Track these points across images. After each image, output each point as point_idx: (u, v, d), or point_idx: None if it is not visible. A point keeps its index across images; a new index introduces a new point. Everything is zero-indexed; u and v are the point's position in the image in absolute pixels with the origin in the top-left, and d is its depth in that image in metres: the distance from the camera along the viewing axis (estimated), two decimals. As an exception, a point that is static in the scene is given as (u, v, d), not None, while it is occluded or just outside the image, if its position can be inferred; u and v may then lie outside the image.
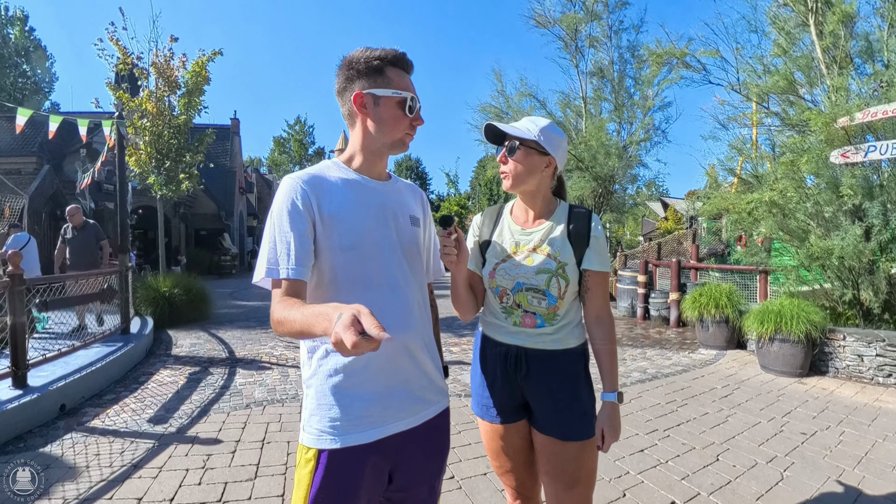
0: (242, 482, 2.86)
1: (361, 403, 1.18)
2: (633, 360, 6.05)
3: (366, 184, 1.28)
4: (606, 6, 14.68)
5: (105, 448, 3.33)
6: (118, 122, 7.39)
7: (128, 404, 4.25)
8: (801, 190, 5.89)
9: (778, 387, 4.84)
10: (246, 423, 3.82)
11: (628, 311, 9.76)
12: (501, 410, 1.57)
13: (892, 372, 4.82)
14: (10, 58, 29.14)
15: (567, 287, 1.49)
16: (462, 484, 2.85)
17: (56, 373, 4.31)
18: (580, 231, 1.51)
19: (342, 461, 1.15)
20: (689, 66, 10.47)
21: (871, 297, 5.37)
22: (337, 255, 1.19)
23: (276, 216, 1.16)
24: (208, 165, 13.51)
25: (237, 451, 3.29)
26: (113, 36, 9.32)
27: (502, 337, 1.56)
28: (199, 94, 9.99)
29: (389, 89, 1.22)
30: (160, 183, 9.72)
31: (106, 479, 2.87)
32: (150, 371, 5.35)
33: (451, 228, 1.33)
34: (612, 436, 1.49)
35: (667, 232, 23.53)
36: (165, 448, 3.32)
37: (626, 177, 14.81)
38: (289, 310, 1.02)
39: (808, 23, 6.72)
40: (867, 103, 5.18)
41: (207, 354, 6.17)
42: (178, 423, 3.81)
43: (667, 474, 3.00)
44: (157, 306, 8.05)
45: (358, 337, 0.73)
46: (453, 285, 1.51)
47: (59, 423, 3.78)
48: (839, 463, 3.15)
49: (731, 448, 3.39)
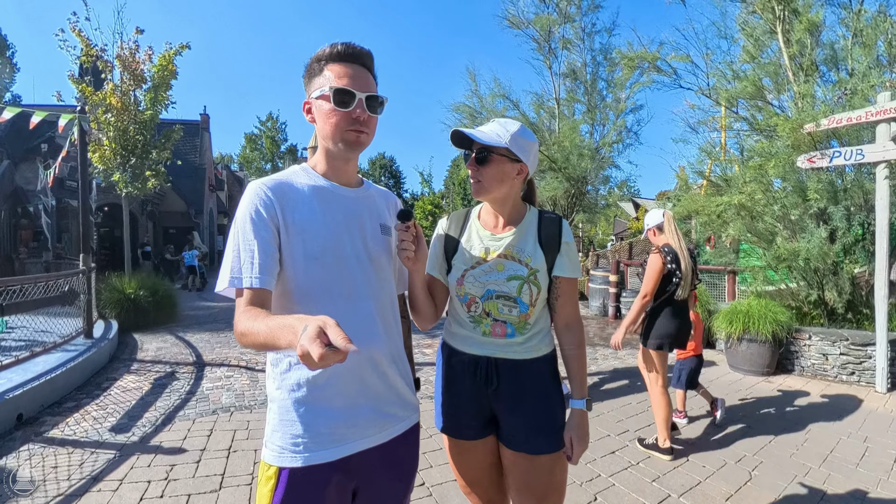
0: (207, 493, 2.78)
1: (325, 420, 1.15)
2: (605, 359, 6.11)
3: (334, 190, 1.25)
4: (579, 8, 14.82)
5: (63, 460, 3.20)
6: (80, 117, 7.11)
7: (89, 412, 4.10)
8: (769, 193, 6.04)
9: (746, 385, 4.95)
10: (212, 430, 3.72)
11: (600, 310, 9.89)
12: (469, 426, 1.53)
13: (856, 370, 4.99)
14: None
15: (538, 294, 1.46)
16: (432, 490, 2.82)
17: (13, 380, 4.13)
18: (551, 237, 1.49)
19: (303, 480, 1.12)
20: (660, 70, 10.62)
21: (836, 298, 5.54)
22: (300, 265, 1.16)
23: (240, 224, 1.13)
24: (176, 162, 13.12)
25: (202, 461, 3.19)
26: (75, 26, 9.02)
27: (470, 348, 1.51)
28: (166, 88, 9.72)
29: (320, 89, 1.17)
30: (125, 180, 9.43)
31: (63, 494, 2.75)
32: (114, 377, 5.18)
33: (409, 223, 1.29)
34: (581, 445, 1.46)
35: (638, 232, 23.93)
36: (127, 458, 3.21)
37: (599, 178, 15.00)
38: (253, 321, 1.00)
39: (775, 30, 6.88)
40: (832, 110, 5.33)
41: (174, 359, 6.00)
42: (141, 431, 3.69)
43: (638, 476, 3.03)
44: (121, 308, 7.79)
45: (325, 349, 0.71)
46: (410, 287, 1.44)
47: (16, 434, 3.62)
48: (805, 461, 3.22)
49: (701, 448, 3.44)
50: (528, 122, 14.63)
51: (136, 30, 9.53)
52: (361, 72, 1.20)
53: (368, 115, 1.19)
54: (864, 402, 4.44)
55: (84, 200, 7.00)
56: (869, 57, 5.60)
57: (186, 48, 9.75)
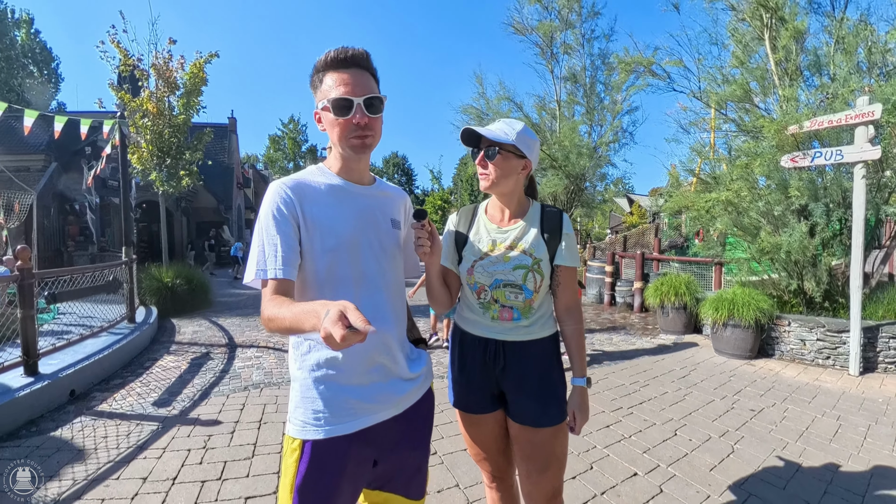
0: (241, 461, 2.86)
1: (342, 396, 1.17)
2: (601, 343, 6.14)
3: (348, 188, 1.25)
4: (580, 15, 14.68)
5: (112, 431, 3.30)
6: (120, 122, 7.22)
7: (134, 389, 4.20)
8: (754, 190, 6.00)
9: (730, 368, 4.96)
10: (244, 404, 3.80)
11: (596, 297, 9.89)
12: (479, 402, 1.56)
13: (831, 355, 4.97)
14: (17, 59, 28.07)
15: (542, 281, 1.49)
16: (444, 459, 2.89)
17: (66, 360, 4.24)
18: (553, 229, 1.51)
19: (325, 451, 1.14)
20: (654, 73, 10.49)
21: (814, 287, 5.52)
22: (319, 257, 1.17)
23: (264, 221, 1.14)
24: (207, 162, 13.18)
25: (236, 432, 3.28)
26: (114, 38, 9.05)
27: (480, 331, 1.54)
28: (197, 94, 9.75)
29: (322, 101, 1.17)
30: (161, 179, 9.51)
31: (113, 461, 2.85)
32: (155, 357, 5.29)
33: (425, 222, 1.30)
34: (583, 418, 1.50)
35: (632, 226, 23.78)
36: (169, 430, 3.30)
37: (596, 175, 14.93)
38: (278, 308, 1.01)
39: (763, 37, 6.78)
40: (814, 113, 5.26)
41: (208, 341, 6.11)
42: (180, 405, 3.78)
43: (630, 448, 3.07)
44: (160, 296, 7.94)
45: (346, 330, 0.73)
46: (427, 278, 1.46)
47: (69, 408, 3.73)
48: (783, 436, 3.25)
49: (688, 424, 3.47)
50: (530, 122, 14.53)
51: (170, 40, 9.56)
52: (357, 75, 1.16)
53: (369, 119, 1.16)
54: (838, 384, 4.44)
55: (125, 198, 7.12)
56: (850, 63, 5.52)
57: (215, 56, 9.76)
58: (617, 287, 9.27)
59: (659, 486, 2.60)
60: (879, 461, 2.89)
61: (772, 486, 2.59)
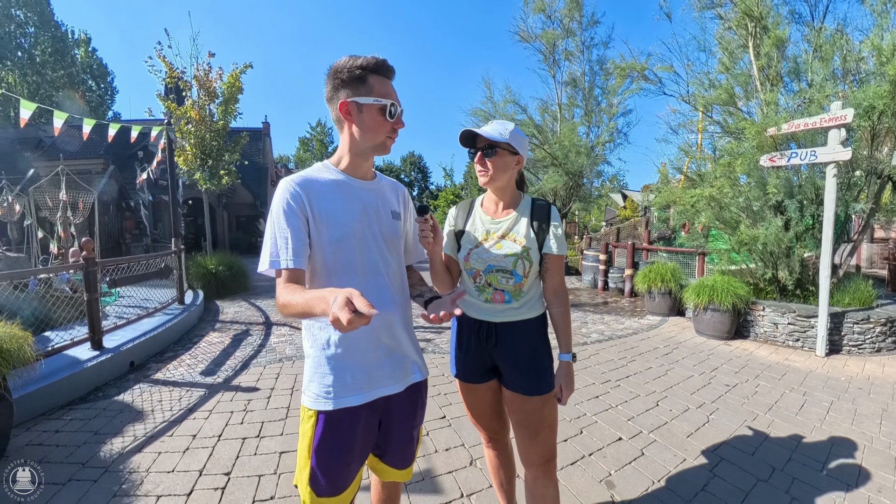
0: (276, 421, 2.96)
1: (350, 372, 1.18)
2: (594, 323, 6.15)
3: (352, 184, 1.23)
4: (580, 24, 14.48)
5: (166, 396, 3.43)
6: (167, 129, 7.34)
7: (184, 360, 4.34)
8: (735, 187, 5.92)
9: (709, 347, 4.95)
10: (279, 374, 3.91)
11: (591, 283, 9.85)
12: (475, 372, 1.60)
13: (801, 337, 4.93)
14: (77, 75, 28.55)
15: (531, 267, 1.50)
16: (452, 422, 2.96)
17: (126, 336, 4.40)
18: (541, 220, 1.51)
19: (336, 420, 1.17)
20: (647, 78, 10.34)
21: (787, 276, 5.46)
22: (326, 247, 1.16)
23: (275, 215, 1.13)
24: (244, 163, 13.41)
25: (271, 397, 3.38)
26: (160, 53, 9.16)
27: (475, 314, 1.56)
28: (234, 102, 9.82)
29: (371, 97, 1.14)
30: (205, 178, 9.66)
31: (167, 421, 2.97)
32: (202, 333, 5.43)
33: (427, 216, 1.31)
34: (569, 389, 1.51)
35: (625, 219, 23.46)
36: (214, 395, 3.42)
37: (593, 172, 14.84)
38: (291, 294, 1.01)
39: (748, 45, 6.63)
40: (792, 116, 5.15)
41: (248, 320, 6.25)
42: (224, 374, 3.90)
43: (616, 416, 3.11)
44: (205, 281, 8.10)
45: (352, 315, 0.76)
46: (431, 264, 1.48)
47: (129, 377, 3.87)
48: (754, 409, 3.26)
49: (669, 396, 3.50)
50: (533, 124, 14.42)
51: (209, 54, 9.64)
52: (393, 87, 1.20)
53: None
54: (806, 363, 4.41)
55: (173, 195, 7.27)
56: (826, 70, 5.39)
57: (249, 67, 9.81)
58: (610, 274, 9.23)
59: (641, 450, 2.64)
60: (839, 433, 2.89)
61: (742, 453, 2.62)
